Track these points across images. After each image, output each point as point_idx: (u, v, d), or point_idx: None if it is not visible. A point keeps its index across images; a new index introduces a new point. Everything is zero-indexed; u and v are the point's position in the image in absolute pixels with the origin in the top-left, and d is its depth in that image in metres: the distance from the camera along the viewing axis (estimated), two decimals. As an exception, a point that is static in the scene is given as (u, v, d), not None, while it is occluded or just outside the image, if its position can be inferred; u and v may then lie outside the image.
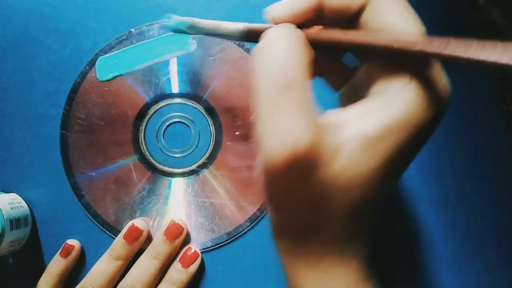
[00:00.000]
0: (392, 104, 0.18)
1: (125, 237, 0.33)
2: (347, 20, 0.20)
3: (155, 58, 0.36)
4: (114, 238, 0.34)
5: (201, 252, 0.34)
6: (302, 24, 0.20)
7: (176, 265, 0.33)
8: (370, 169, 0.17)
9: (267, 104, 0.17)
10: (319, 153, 0.17)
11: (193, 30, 0.26)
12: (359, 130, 0.18)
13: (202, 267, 0.35)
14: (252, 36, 0.21)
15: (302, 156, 0.16)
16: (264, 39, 0.18)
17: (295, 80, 0.17)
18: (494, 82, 0.38)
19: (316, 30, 0.20)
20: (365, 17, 0.20)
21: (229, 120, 0.36)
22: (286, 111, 0.16)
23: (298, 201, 0.18)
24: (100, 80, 0.34)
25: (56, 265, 0.34)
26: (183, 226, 0.34)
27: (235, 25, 0.23)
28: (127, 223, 0.34)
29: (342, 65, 0.24)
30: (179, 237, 0.34)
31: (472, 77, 0.37)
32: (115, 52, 0.36)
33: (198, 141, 0.36)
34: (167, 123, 0.36)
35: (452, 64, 0.18)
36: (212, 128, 0.36)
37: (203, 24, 0.26)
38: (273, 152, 0.16)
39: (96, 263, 0.33)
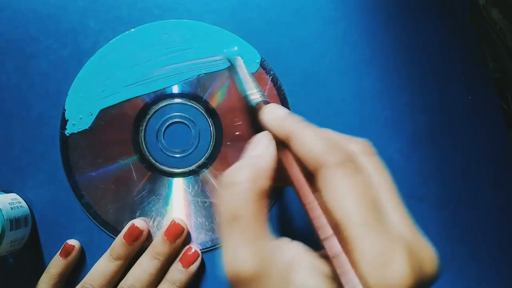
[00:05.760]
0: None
1: (125, 237, 0.33)
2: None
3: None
4: (114, 238, 0.34)
5: (201, 252, 0.34)
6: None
7: (177, 265, 0.33)
8: None
9: (221, 230, 0.20)
10: (265, 282, 0.19)
11: (231, 65, 0.32)
12: (307, 284, 0.19)
13: (202, 267, 0.35)
14: (254, 112, 0.26)
15: (245, 281, 0.19)
16: (230, 177, 0.21)
17: (242, 215, 0.20)
18: (494, 82, 0.38)
19: (286, 153, 0.22)
20: (319, 181, 0.20)
21: (229, 120, 0.36)
22: (232, 240, 0.20)
23: None
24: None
25: (56, 265, 0.34)
26: (184, 226, 0.34)
27: (255, 95, 0.27)
28: (127, 223, 0.34)
29: None
30: (180, 237, 0.34)
31: (472, 77, 0.37)
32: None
33: (198, 141, 0.36)
34: (167, 123, 0.36)
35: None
36: (212, 128, 0.36)
37: (239, 68, 0.31)
38: (225, 270, 0.20)
39: (96, 263, 0.33)
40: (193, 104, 0.36)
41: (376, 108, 0.37)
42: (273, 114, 0.24)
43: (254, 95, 0.28)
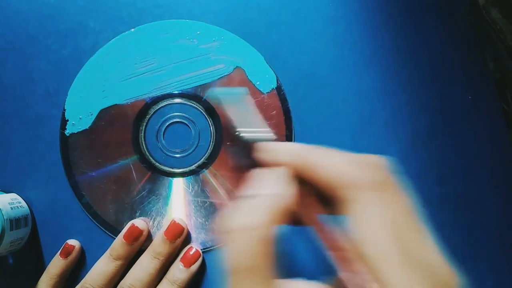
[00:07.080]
0: None
1: (125, 237, 0.33)
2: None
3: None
4: (114, 238, 0.34)
5: (201, 252, 0.34)
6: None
7: (178, 264, 0.33)
8: None
9: (233, 277, 0.18)
10: None
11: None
12: None
13: (202, 266, 0.35)
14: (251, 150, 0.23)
15: None
16: (247, 220, 0.18)
17: (260, 264, 0.18)
18: (494, 82, 0.38)
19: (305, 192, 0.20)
20: (347, 206, 0.19)
21: (229, 120, 0.36)
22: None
23: None
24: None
25: (56, 265, 0.34)
26: (184, 226, 0.34)
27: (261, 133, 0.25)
28: (127, 223, 0.34)
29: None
30: (180, 237, 0.34)
31: (472, 77, 0.37)
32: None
33: (198, 141, 0.36)
34: (167, 123, 0.36)
35: None
36: (212, 128, 0.36)
37: (249, 105, 0.29)
38: None
39: (96, 263, 0.33)
40: (193, 104, 0.36)
41: (376, 108, 0.37)
42: (280, 147, 0.22)
43: (260, 132, 0.26)
